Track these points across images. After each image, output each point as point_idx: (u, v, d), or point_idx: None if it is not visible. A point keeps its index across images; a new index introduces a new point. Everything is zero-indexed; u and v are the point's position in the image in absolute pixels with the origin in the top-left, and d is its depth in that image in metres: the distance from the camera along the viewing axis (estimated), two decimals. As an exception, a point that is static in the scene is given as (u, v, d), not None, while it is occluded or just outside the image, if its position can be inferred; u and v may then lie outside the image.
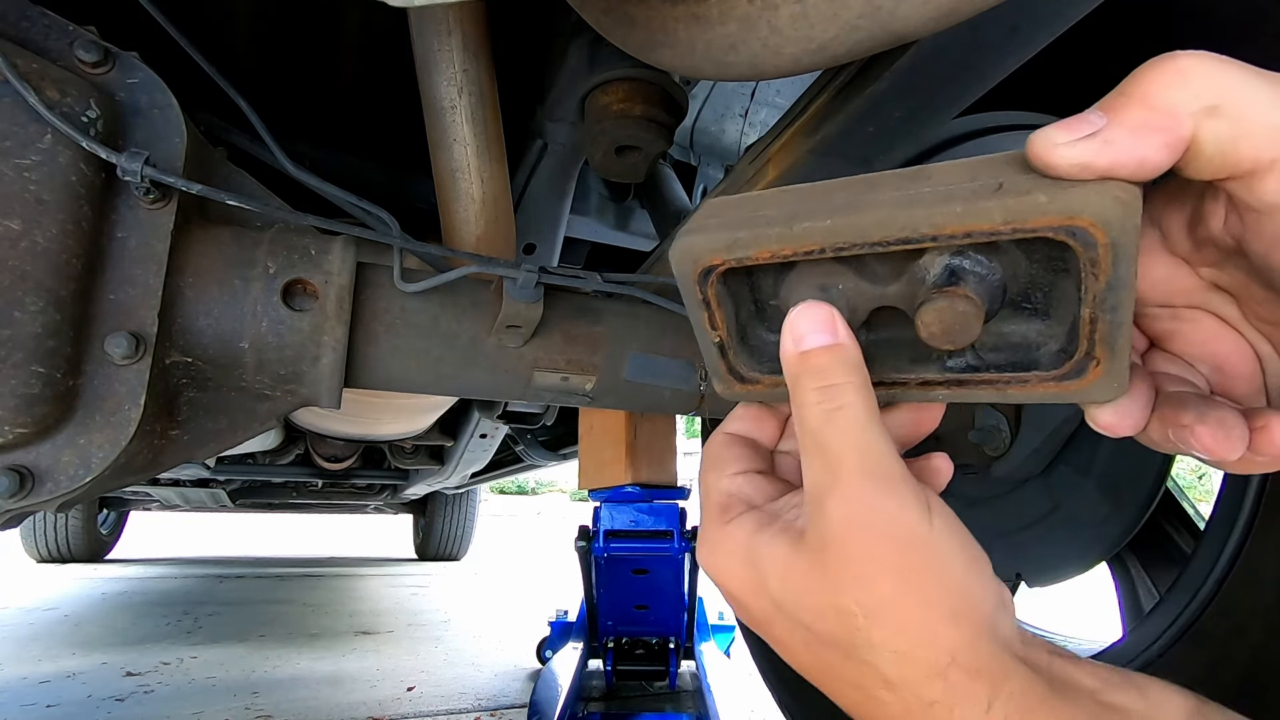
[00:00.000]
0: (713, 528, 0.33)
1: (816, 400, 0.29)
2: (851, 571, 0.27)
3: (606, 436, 1.54)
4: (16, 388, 0.44)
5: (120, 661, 2.10)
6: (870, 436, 0.28)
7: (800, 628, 0.29)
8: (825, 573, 0.28)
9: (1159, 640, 0.65)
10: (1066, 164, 0.24)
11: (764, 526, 0.31)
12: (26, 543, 3.95)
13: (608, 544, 1.54)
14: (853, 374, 0.29)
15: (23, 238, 0.45)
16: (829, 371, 0.29)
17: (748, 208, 0.32)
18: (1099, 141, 0.24)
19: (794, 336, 0.30)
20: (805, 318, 0.29)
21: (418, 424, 2.11)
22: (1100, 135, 0.24)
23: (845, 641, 0.28)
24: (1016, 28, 0.46)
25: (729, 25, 0.41)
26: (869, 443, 0.28)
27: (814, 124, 0.59)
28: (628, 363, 0.70)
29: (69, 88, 0.48)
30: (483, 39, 0.72)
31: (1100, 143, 0.24)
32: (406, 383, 0.64)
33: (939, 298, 0.28)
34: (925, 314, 0.28)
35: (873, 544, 0.27)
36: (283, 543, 6.66)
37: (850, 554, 0.27)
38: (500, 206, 0.81)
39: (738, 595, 0.32)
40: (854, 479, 0.27)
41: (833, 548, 0.27)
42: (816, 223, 0.28)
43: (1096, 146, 0.24)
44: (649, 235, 1.21)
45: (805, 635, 0.29)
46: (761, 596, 0.30)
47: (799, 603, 0.29)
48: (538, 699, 1.60)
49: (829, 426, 0.28)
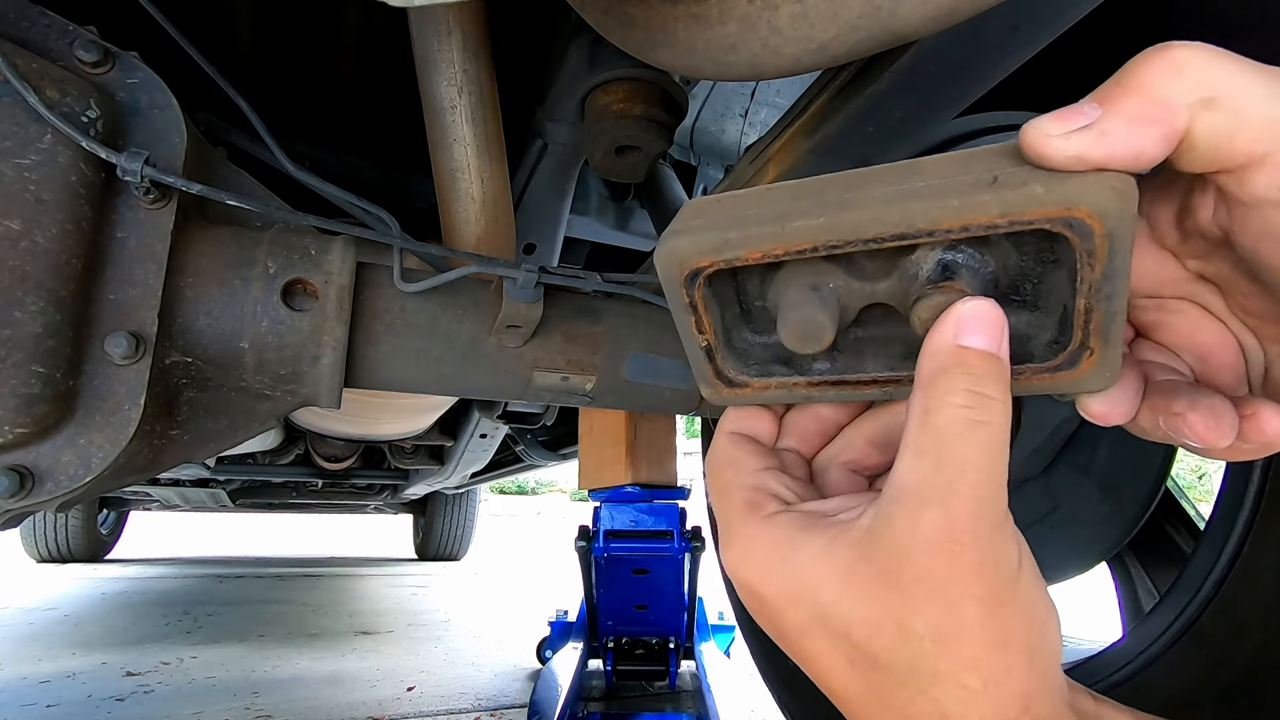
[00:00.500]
0: (742, 526, 0.30)
1: (963, 403, 0.26)
2: (929, 589, 0.25)
3: (606, 436, 1.54)
4: (16, 388, 0.44)
5: (120, 661, 2.10)
6: (1000, 465, 0.26)
7: (847, 643, 0.27)
8: (895, 586, 0.25)
9: (1159, 640, 0.65)
10: (1062, 156, 0.24)
11: (809, 527, 0.29)
12: (26, 543, 3.96)
13: (608, 544, 1.55)
14: (1005, 393, 0.26)
15: (23, 238, 0.45)
16: (985, 379, 0.26)
17: (734, 208, 0.31)
18: (1095, 133, 0.23)
19: (957, 327, 0.27)
20: (977, 316, 0.26)
21: (418, 424, 2.11)
22: (1096, 127, 0.23)
23: (903, 666, 0.25)
24: (1016, 28, 0.46)
25: (729, 25, 0.41)
26: (996, 470, 0.25)
27: (814, 124, 0.59)
28: (628, 363, 0.70)
29: (69, 88, 0.48)
30: (483, 39, 0.72)
31: (1096, 134, 0.23)
32: (406, 383, 0.64)
33: (934, 293, 0.28)
34: (921, 310, 0.28)
35: (963, 567, 0.25)
36: (283, 543, 6.66)
37: (934, 572, 0.25)
38: (500, 206, 0.81)
39: (772, 601, 0.29)
40: (968, 496, 0.25)
41: (915, 561, 0.25)
42: (809, 221, 0.28)
43: (1092, 138, 0.23)
44: (649, 235, 1.21)
45: (851, 653, 0.27)
46: (802, 605, 0.28)
47: (853, 614, 0.26)
48: (538, 699, 1.60)
49: (967, 435, 0.25)
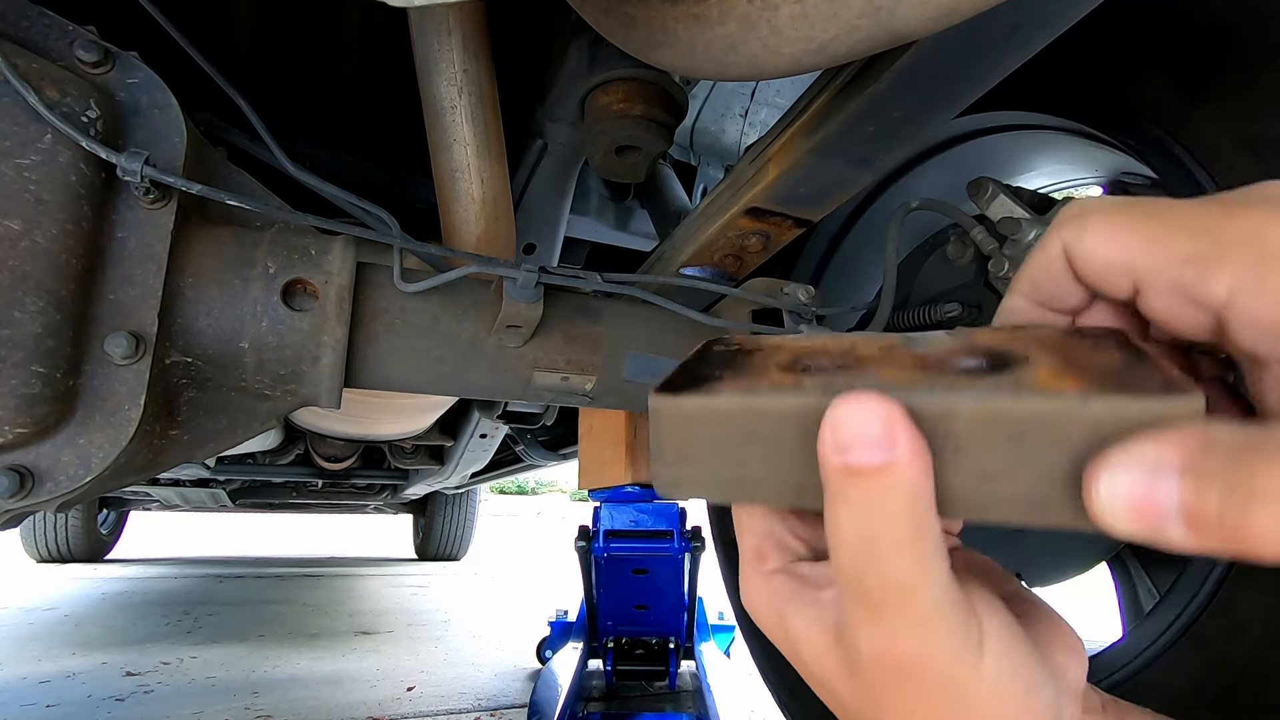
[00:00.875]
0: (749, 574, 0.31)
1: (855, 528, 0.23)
2: (884, 701, 0.25)
3: (606, 436, 1.54)
4: (16, 388, 0.44)
5: (120, 661, 2.10)
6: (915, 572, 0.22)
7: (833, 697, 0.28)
8: (859, 685, 0.26)
9: (1159, 640, 0.65)
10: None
11: (797, 597, 0.28)
12: (26, 543, 3.95)
13: (608, 544, 1.55)
14: (906, 502, 0.22)
15: (23, 238, 0.45)
16: (878, 500, 0.22)
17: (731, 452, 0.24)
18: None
19: (835, 442, 0.22)
20: (853, 420, 0.22)
21: (418, 424, 2.11)
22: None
23: None
24: (1016, 28, 0.46)
25: (729, 25, 0.41)
26: (913, 579, 0.23)
27: (814, 124, 0.59)
28: (628, 363, 0.70)
29: (69, 88, 0.48)
30: (483, 39, 0.72)
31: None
32: (406, 383, 0.64)
33: None
34: None
35: (905, 688, 0.24)
36: (283, 543, 6.65)
37: (883, 688, 0.25)
38: (500, 206, 0.81)
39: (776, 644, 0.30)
40: (890, 618, 0.23)
41: (866, 674, 0.25)
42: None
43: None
44: (649, 235, 1.21)
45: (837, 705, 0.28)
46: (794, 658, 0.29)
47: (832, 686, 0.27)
48: (538, 699, 1.60)
49: (868, 558, 0.23)
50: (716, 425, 0.23)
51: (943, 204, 0.70)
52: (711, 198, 0.75)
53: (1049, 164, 0.91)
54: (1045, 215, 0.70)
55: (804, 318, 0.68)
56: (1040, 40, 0.47)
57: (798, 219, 0.71)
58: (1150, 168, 0.63)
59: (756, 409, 0.23)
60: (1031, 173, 0.93)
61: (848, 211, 1.12)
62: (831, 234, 1.14)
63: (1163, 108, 0.61)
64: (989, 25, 0.45)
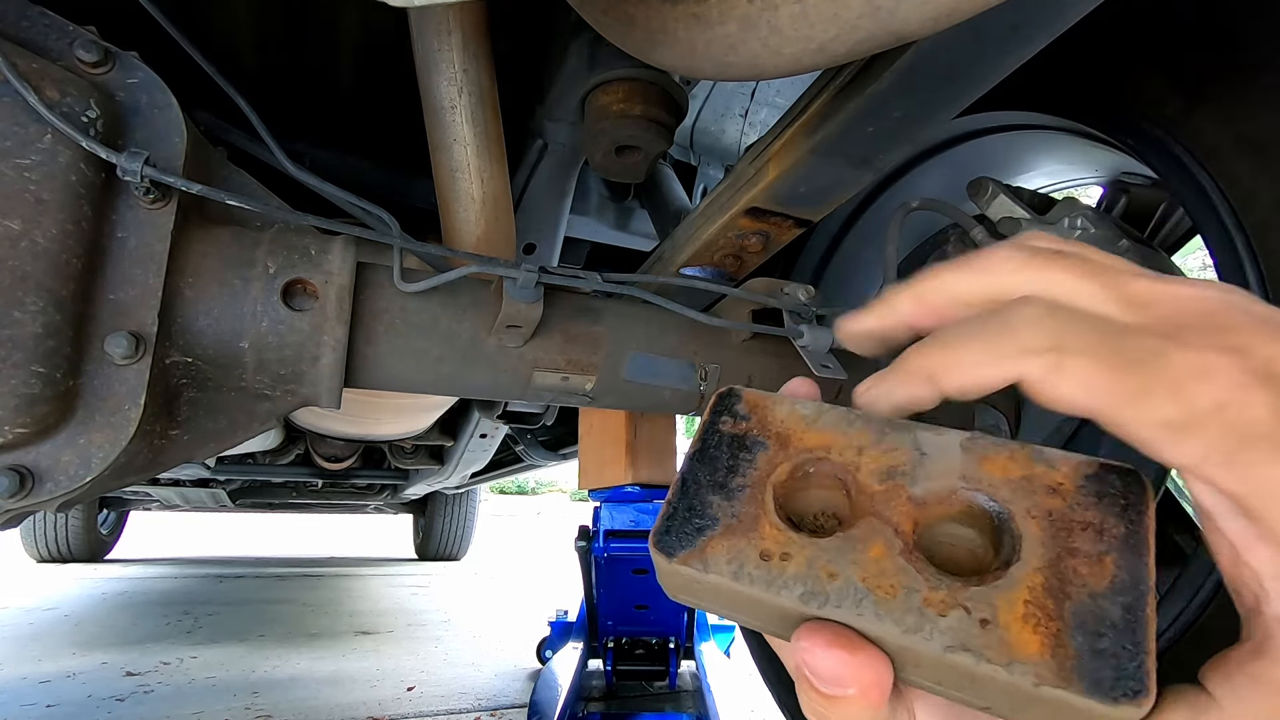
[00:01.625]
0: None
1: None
2: None
3: (606, 436, 1.54)
4: (16, 388, 0.44)
5: (120, 661, 2.10)
6: None
7: None
8: None
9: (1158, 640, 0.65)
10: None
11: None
12: (26, 543, 3.95)
13: (608, 544, 1.55)
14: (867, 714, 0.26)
15: (23, 238, 0.45)
16: (841, 711, 0.26)
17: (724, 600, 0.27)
18: None
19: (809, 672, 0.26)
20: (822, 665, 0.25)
21: (418, 424, 2.11)
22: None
23: None
24: (1016, 28, 0.46)
25: (729, 25, 0.41)
26: None
27: (814, 124, 0.59)
28: (628, 362, 0.70)
29: (69, 88, 0.48)
30: (483, 39, 0.72)
31: None
32: (406, 383, 0.64)
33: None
34: None
35: None
36: (283, 543, 6.65)
37: None
38: (500, 206, 0.81)
39: None
40: None
41: None
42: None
43: None
44: (649, 235, 1.21)
45: None
46: None
47: None
48: (538, 699, 1.60)
49: None
50: (710, 588, 0.26)
51: (943, 204, 0.70)
52: (711, 198, 0.75)
53: (1049, 164, 0.91)
54: (1045, 215, 0.70)
55: (804, 318, 0.68)
56: (1040, 40, 0.47)
57: (798, 219, 0.71)
58: (1150, 168, 0.63)
59: (742, 594, 0.26)
60: (1031, 173, 0.93)
61: (848, 211, 1.12)
62: (831, 234, 1.14)
63: (1163, 108, 0.61)
64: (989, 25, 0.45)
